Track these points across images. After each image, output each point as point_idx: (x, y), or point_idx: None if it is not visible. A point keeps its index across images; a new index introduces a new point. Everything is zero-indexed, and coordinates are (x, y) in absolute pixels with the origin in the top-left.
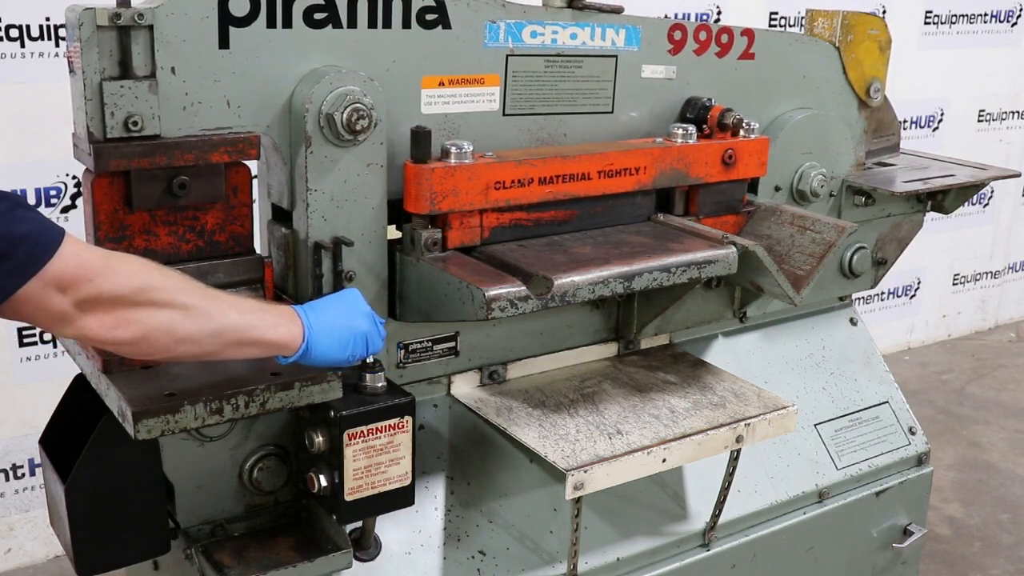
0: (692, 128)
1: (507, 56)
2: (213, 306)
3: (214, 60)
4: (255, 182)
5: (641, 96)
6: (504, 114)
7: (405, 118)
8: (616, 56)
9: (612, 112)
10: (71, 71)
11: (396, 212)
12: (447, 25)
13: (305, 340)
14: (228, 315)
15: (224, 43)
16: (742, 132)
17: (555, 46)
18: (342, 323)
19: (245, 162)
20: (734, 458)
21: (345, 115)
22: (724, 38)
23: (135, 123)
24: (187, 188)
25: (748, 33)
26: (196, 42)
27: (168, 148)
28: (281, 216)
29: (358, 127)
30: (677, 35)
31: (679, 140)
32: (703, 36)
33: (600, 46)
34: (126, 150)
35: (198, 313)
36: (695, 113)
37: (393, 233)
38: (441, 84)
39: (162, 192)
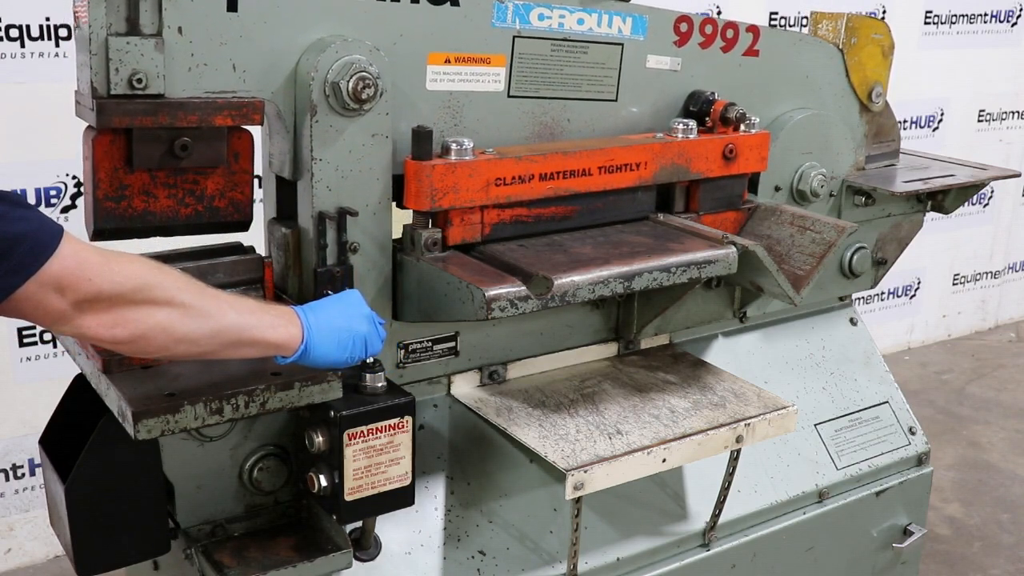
0: (693, 123)
1: (514, 37)
2: (212, 305)
3: (222, 22)
4: (258, 176)
5: (645, 86)
6: (509, 96)
7: (411, 93)
8: (622, 44)
9: (616, 100)
10: (77, 26)
11: (400, 189)
12: (455, 2)
13: (304, 341)
14: (227, 315)
15: (232, 6)
16: (743, 127)
17: (562, 30)
18: (341, 324)
19: (247, 128)
20: (734, 458)
21: (351, 84)
22: (729, 33)
23: (139, 80)
24: (189, 150)
25: (753, 30)
26: (204, 3)
27: (172, 108)
28: (282, 214)
29: (364, 96)
30: (683, 27)
31: (680, 135)
32: (709, 30)
33: (606, 33)
34: (129, 107)
35: (197, 312)
36: (698, 106)
37: (396, 212)
38: (447, 61)
39: (163, 153)
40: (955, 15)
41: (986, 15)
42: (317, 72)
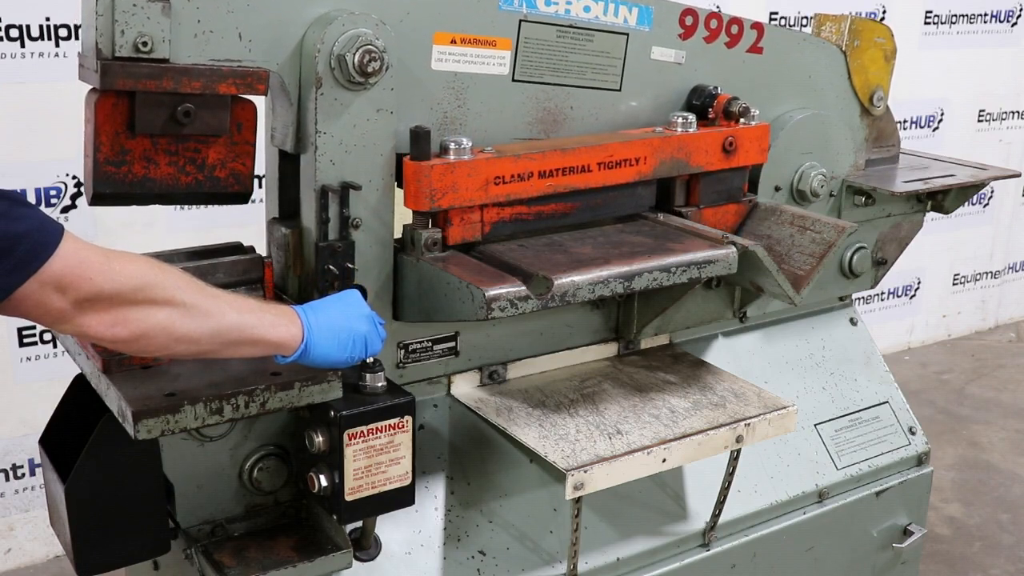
0: (692, 117)
1: (520, 21)
2: (212, 305)
3: None
4: (260, 172)
5: (649, 77)
6: (513, 80)
7: (416, 71)
8: (627, 34)
9: (620, 91)
10: None
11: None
12: None
13: (304, 340)
14: (227, 314)
15: None
16: (743, 120)
17: (568, 17)
18: (341, 324)
19: (251, 98)
20: (734, 458)
21: (356, 57)
22: (734, 29)
23: (145, 44)
24: (192, 117)
25: (758, 27)
26: None
27: (176, 73)
28: (284, 212)
29: (369, 69)
30: (688, 20)
31: (679, 129)
32: (714, 24)
33: (612, 22)
34: (133, 70)
35: (197, 312)
36: (701, 100)
37: (399, 195)
38: (453, 42)
39: (166, 119)
40: (955, 15)
41: (986, 15)
42: (323, 44)
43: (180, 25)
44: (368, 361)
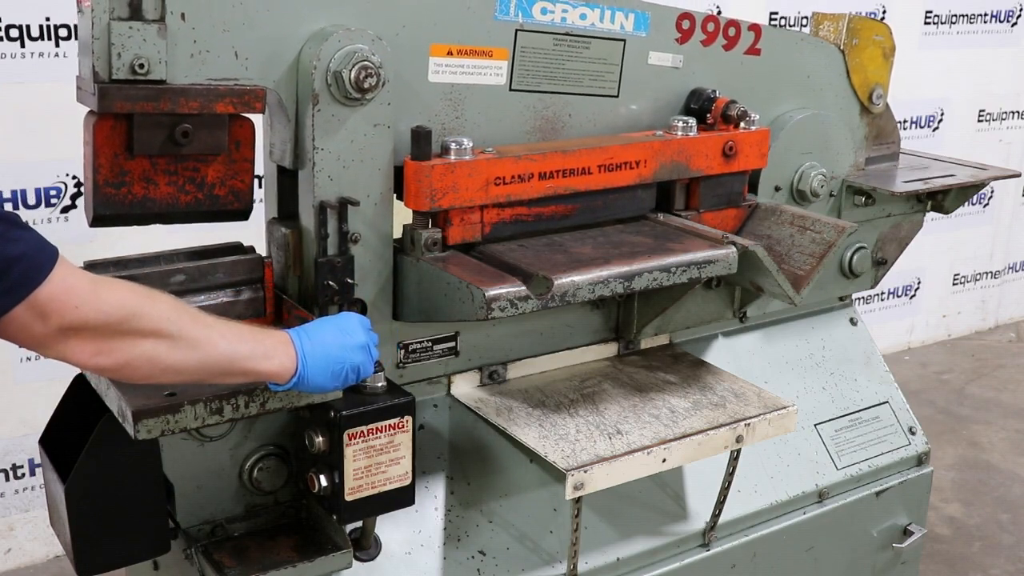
0: (692, 120)
1: (516, 31)
2: (202, 335)
3: (225, 9)
4: (259, 176)
5: (647, 83)
6: (510, 89)
7: (413, 84)
8: (624, 40)
9: (617, 96)
10: (79, 10)
11: (403, 181)
12: None
13: (297, 373)
14: (218, 345)
15: None
16: (743, 124)
17: (564, 25)
18: (336, 354)
19: (248, 116)
20: (734, 458)
21: (353, 73)
22: (731, 31)
23: (141, 66)
24: (190, 137)
25: (755, 28)
26: None
27: (173, 94)
28: (283, 212)
29: (366, 85)
30: (685, 24)
31: (679, 133)
32: (711, 27)
33: (609, 29)
34: (131, 92)
35: (185, 343)
36: (699, 104)
37: (398, 205)
38: (449, 53)
39: (164, 139)
40: (955, 15)
41: (986, 15)
42: (319, 61)
43: (176, 46)
44: None
